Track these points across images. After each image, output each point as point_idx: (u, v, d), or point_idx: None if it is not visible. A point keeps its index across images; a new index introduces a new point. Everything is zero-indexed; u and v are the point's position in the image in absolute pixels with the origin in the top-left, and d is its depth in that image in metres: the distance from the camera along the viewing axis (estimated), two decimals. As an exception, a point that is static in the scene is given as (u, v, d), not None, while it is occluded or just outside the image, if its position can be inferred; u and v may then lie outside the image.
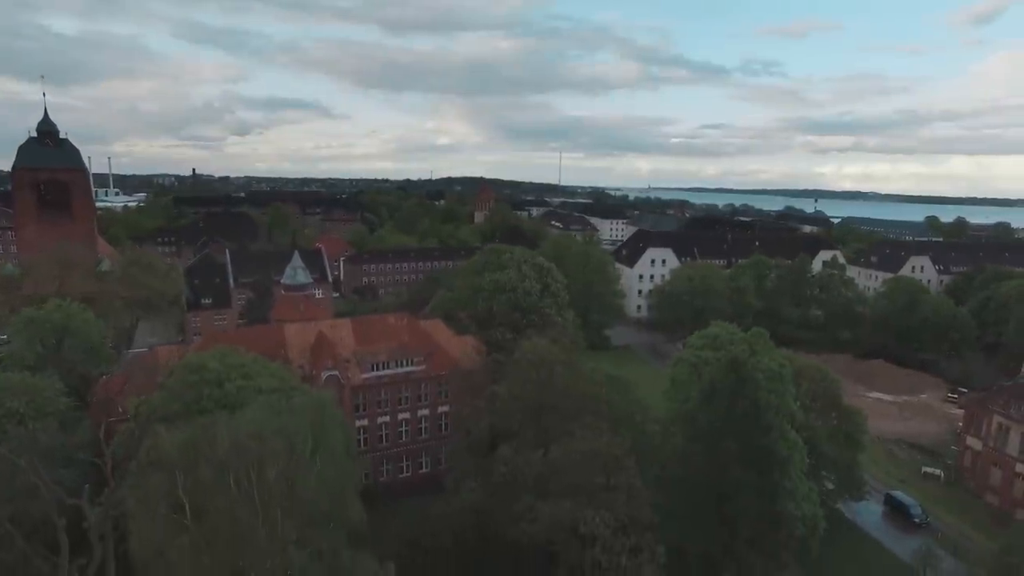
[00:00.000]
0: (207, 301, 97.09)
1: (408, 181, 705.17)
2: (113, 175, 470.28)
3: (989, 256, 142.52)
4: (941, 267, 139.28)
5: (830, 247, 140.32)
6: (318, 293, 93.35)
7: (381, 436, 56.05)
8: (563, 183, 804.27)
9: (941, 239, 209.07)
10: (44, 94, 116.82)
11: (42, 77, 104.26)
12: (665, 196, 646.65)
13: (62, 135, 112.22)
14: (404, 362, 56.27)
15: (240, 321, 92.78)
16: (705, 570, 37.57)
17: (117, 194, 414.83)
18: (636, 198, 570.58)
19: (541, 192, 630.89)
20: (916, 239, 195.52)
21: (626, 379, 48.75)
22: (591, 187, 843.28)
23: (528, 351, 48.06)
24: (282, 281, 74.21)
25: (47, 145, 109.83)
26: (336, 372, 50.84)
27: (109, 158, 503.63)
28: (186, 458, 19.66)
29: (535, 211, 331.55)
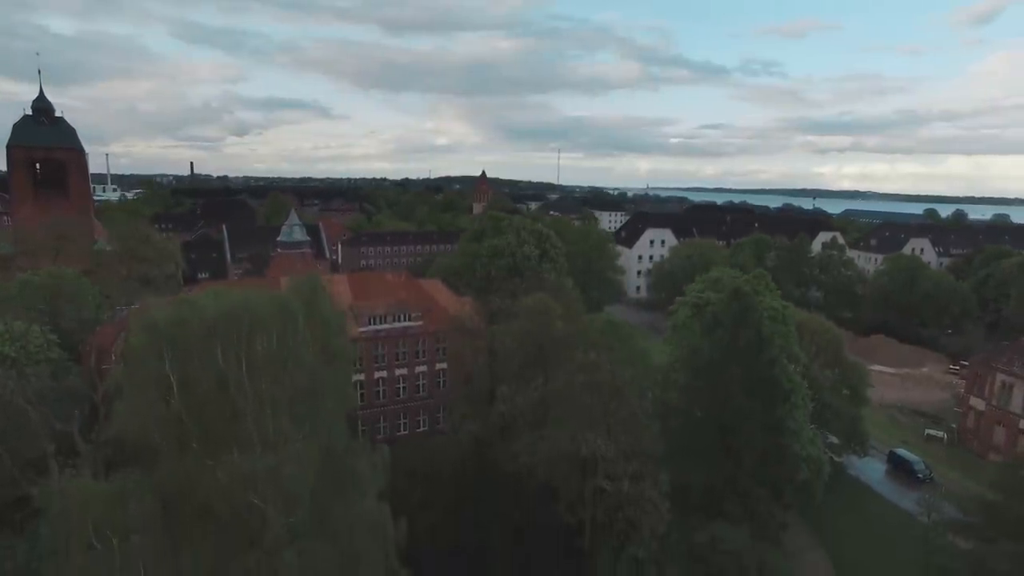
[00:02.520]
0: (204, 275, 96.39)
1: (407, 180, 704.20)
2: (111, 175, 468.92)
3: (989, 239, 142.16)
4: (941, 249, 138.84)
5: (829, 228, 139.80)
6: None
7: (378, 392, 55.32)
8: (561, 182, 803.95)
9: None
10: (39, 71, 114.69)
11: (37, 54, 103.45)
12: (663, 195, 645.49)
13: (57, 114, 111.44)
14: (402, 317, 55.60)
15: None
16: (708, 504, 36.89)
17: (115, 191, 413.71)
18: (635, 195, 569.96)
19: (539, 191, 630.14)
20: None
21: (626, 326, 48.08)
22: (589, 187, 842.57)
23: (529, 303, 47.67)
24: (279, 239, 73.50)
25: (42, 123, 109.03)
26: (333, 323, 50.13)
27: (107, 155, 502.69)
28: (173, 328, 19.02)
29: (533, 205, 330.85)
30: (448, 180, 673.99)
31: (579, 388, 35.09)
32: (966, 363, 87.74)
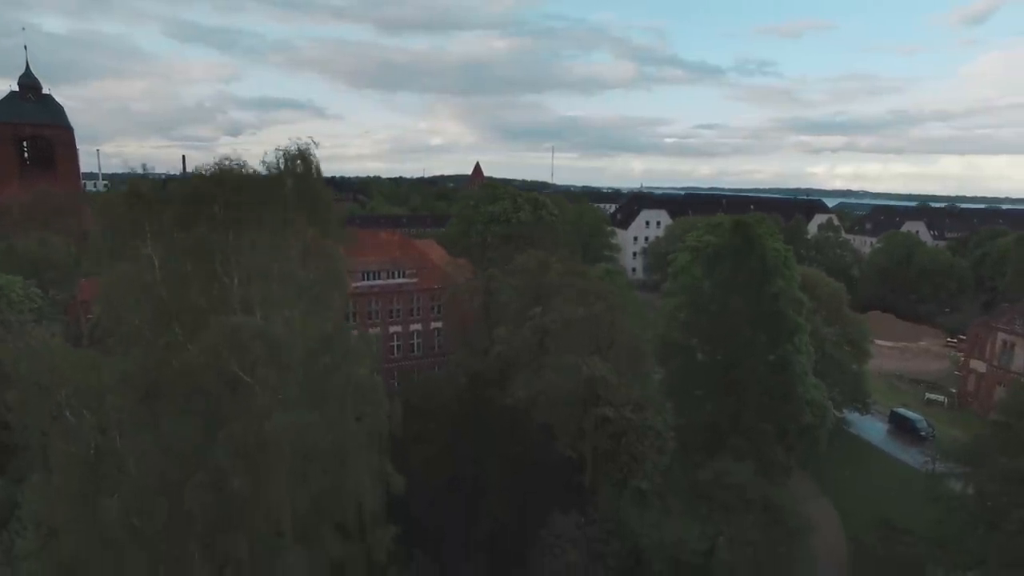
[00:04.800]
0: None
1: (400, 178, 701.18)
2: (102, 174, 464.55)
3: (984, 222, 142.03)
4: (936, 233, 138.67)
5: (826, 211, 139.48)
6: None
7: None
8: (556, 182, 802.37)
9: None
10: (25, 47, 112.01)
11: (23, 29, 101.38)
12: (657, 193, 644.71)
13: (45, 91, 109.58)
14: (396, 274, 54.54)
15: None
16: (712, 443, 35.94)
17: (106, 187, 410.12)
18: (629, 192, 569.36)
19: (534, 190, 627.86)
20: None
21: (624, 275, 47.09)
22: (583, 186, 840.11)
23: (525, 258, 46.86)
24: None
25: (29, 100, 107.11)
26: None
27: (98, 150, 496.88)
28: (157, 196, 17.90)
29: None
30: (442, 179, 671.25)
31: (577, 321, 34.15)
32: (963, 336, 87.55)
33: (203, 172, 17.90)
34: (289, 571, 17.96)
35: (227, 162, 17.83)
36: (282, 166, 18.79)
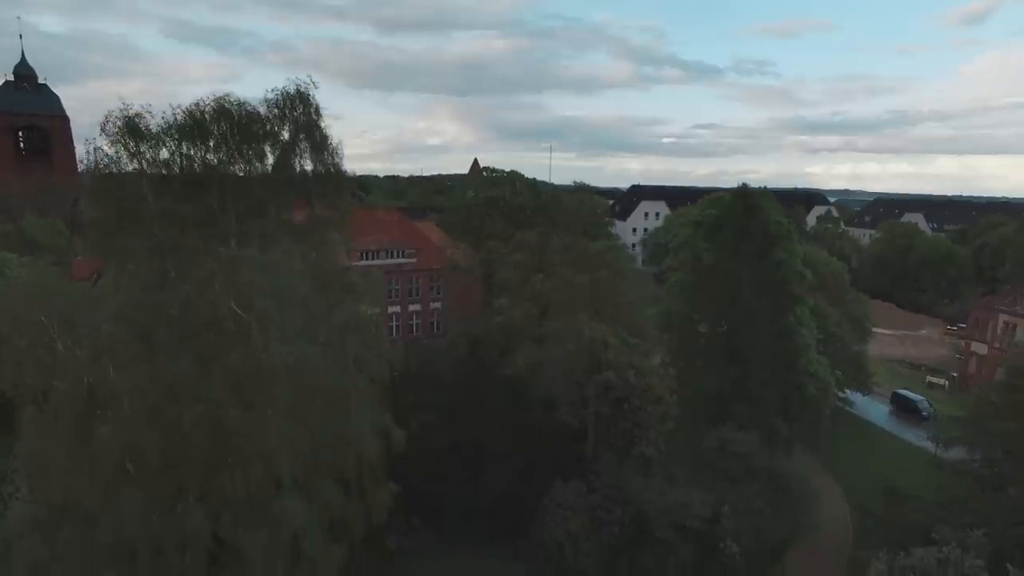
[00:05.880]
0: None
1: (396, 177, 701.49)
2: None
3: (984, 213, 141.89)
4: (935, 225, 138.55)
5: (824, 203, 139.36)
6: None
7: (371, 331, 53.71)
8: (554, 181, 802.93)
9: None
10: (20, 36, 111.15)
11: (18, 18, 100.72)
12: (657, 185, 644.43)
13: (41, 80, 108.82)
14: (394, 253, 54.09)
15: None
16: (716, 413, 35.54)
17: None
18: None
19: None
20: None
21: (625, 250, 46.65)
22: (581, 184, 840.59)
23: (524, 236, 46.61)
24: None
25: (24, 89, 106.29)
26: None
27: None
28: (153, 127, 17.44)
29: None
30: (440, 178, 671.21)
31: (580, 287, 33.76)
32: (964, 325, 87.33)
33: (201, 106, 17.45)
34: (286, 516, 17.53)
35: (226, 96, 17.40)
36: (281, 105, 18.35)
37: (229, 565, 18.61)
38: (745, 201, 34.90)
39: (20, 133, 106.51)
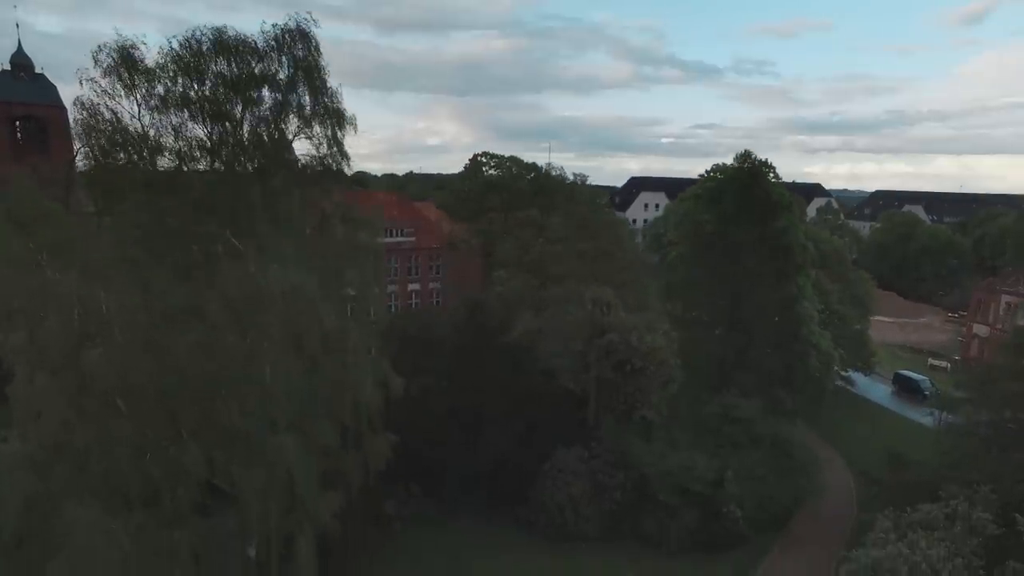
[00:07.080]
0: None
1: (394, 176, 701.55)
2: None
3: (983, 207, 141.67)
4: (935, 217, 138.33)
5: (824, 195, 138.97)
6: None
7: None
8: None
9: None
10: (17, 25, 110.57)
11: (15, 7, 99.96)
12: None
13: (38, 70, 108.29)
14: (393, 232, 53.64)
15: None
16: (718, 382, 35.20)
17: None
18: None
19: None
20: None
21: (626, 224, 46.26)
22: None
23: (524, 215, 46.32)
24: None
25: (21, 78, 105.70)
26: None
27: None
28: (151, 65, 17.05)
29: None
30: (439, 176, 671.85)
31: (582, 252, 33.41)
32: (965, 313, 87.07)
33: (197, 35, 17.06)
34: (281, 454, 17.16)
35: (225, 28, 17.00)
36: (280, 40, 17.94)
37: (222, 510, 18.28)
38: (747, 168, 34.56)
39: (17, 123, 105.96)
